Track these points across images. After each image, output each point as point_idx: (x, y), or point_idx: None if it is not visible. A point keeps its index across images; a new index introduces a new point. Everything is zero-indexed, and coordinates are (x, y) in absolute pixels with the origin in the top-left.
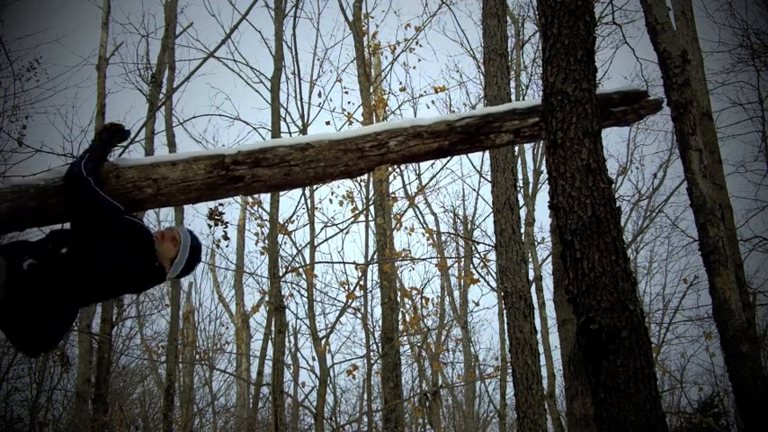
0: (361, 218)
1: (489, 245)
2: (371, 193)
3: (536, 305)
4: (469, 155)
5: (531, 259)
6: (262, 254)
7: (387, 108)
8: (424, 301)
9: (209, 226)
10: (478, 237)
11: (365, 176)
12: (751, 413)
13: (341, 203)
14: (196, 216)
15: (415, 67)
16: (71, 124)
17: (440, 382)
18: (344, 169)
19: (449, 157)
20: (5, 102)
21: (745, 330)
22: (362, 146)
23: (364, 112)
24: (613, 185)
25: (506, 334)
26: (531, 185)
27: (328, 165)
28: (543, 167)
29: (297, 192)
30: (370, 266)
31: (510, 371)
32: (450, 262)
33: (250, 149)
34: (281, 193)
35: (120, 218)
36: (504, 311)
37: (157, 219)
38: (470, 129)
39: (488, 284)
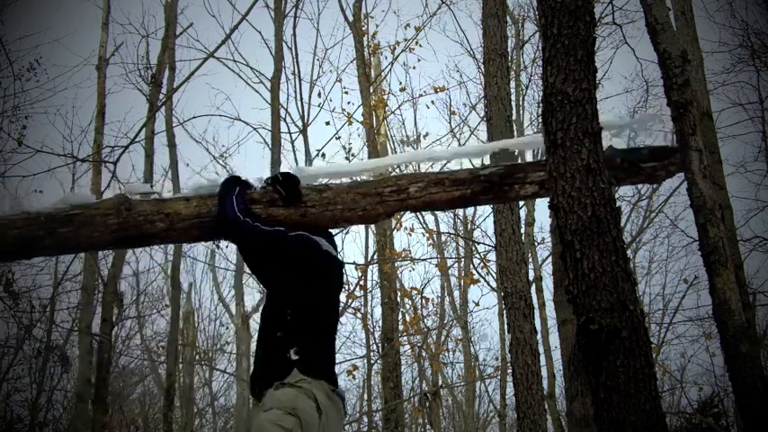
0: None
1: (489, 245)
2: None
3: (536, 305)
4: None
5: (531, 259)
6: None
7: (387, 108)
8: (424, 301)
9: None
10: (478, 237)
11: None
12: (751, 413)
13: None
14: None
15: (414, 68)
16: (71, 124)
17: (440, 382)
18: (363, 213)
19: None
20: (5, 102)
21: (745, 330)
22: (382, 190)
23: (364, 112)
24: (613, 185)
25: (506, 334)
26: None
27: (346, 208)
28: None
29: None
30: (370, 266)
31: (510, 371)
32: (450, 262)
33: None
34: None
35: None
36: (504, 311)
37: None
38: (494, 178)
39: (488, 284)
